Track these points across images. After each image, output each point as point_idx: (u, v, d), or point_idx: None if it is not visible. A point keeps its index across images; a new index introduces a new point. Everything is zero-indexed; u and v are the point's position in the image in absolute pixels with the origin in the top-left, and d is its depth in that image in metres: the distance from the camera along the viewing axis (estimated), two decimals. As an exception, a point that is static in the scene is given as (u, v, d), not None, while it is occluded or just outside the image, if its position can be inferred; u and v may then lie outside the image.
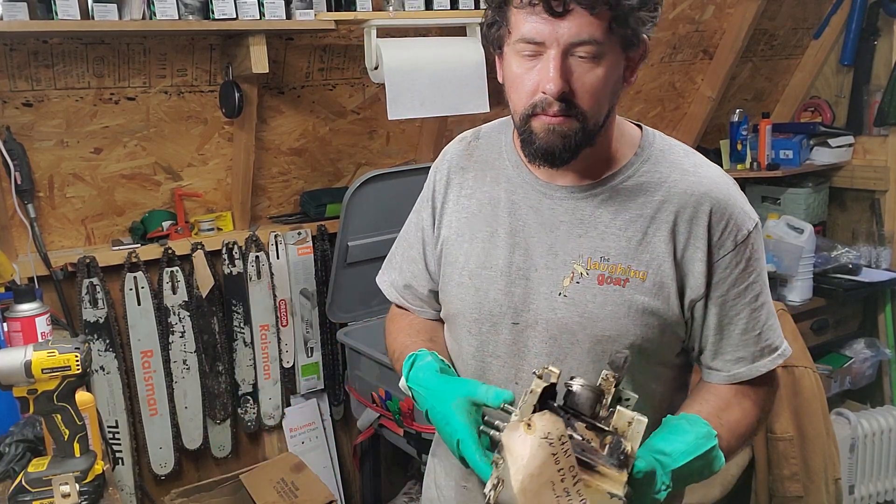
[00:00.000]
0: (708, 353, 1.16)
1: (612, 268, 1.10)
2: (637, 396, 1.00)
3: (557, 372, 0.96)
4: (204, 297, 2.34)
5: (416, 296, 1.30)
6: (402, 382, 1.14)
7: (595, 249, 1.11)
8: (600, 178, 1.13)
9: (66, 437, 1.23)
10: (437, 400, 1.04)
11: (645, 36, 1.05)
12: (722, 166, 3.13)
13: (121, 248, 2.25)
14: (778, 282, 2.93)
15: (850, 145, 3.22)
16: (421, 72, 2.21)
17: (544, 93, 1.01)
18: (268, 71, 2.05)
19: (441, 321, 1.30)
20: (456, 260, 1.21)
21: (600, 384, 0.96)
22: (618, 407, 0.94)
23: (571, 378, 0.97)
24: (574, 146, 1.05)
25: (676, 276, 1.10)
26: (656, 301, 1.10)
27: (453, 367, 1.21)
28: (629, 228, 1.10)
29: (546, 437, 0.88)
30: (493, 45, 1.10)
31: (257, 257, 2.42)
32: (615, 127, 1.14)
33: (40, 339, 1.58)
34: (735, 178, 1.17)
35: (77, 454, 1.24)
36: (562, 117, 1.03)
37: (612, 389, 0.95)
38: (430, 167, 1.30)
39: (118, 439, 2.27)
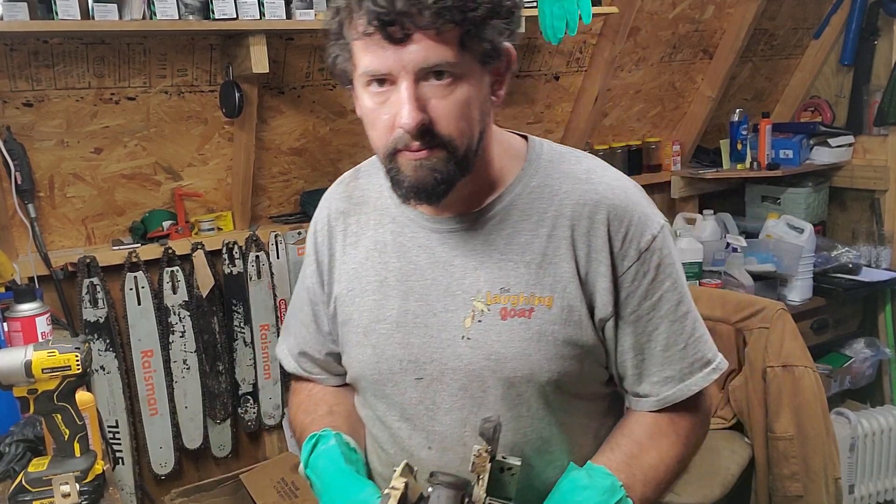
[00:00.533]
0: (630, 378, 1.05)
1: (515, 299, 0.99)
2: (519, 462, 0.91)
3: (400, 488, 0.86)
4: (204, 296, 2.34)
5: (313, 362, 1.20)
6: (301, 469, 1.05)
7: (493, 281, 1.00)
8: (488, 201, 1.02)
9: (66, 436, 1.22)
10: (331, 502, 0.98)
11: (506, 44, 0.95)
12: (722, 166, 3.17)
13: (121, 247, 2.25)
14: (778, 281, 2.92)
15: (850, 145, 3.22)
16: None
17: (402, 128, 0.90)
18: (268, 71, 2.05)
19: (348, 386, 1.18)
20: (350, 318, 1.09)
21: (474, 462, 0.86)
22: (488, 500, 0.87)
23: (430, 475, 0.86)
24: (447, 179, 0.94)
25: (584, 297, 1.00)
26: (568, 328, 0.99)
27: (372, 436, 1.11)
28: (526, 252, 1.00)
29: None
30: (341, 79, 0.98)
31: (257, 257, 2.42)
32: (496, 143, 1.03)
33: (40, 339, 1.58)
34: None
35: (77, 454, 1.23)
36: (426, 151, 0.92)
37: (487, 465, 0.86)
38: None
39: (118, 439, 2.27)
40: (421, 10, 0.85)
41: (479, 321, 1.00)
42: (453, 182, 0.95)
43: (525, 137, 1.09)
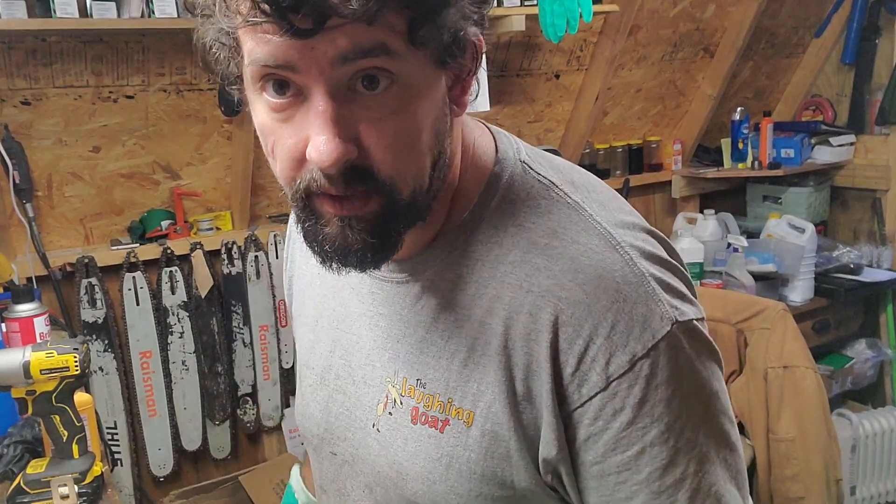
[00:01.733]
0: None
1: (429, 400, 0.71)
2: None
3: None
4: (203, 297, 2.33)
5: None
6: None
7: (411, 367, 0.72)
8: (430, 243, 0.72)
9: (64, 438, 1.22)
10: None
11: (473, 33, 0.63)
12: (723, 165, 3.16)
13: (119, 247, 2.24)
14: (779, 282, 2.92)
15: (851, 144, 3.21)
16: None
17: (314, 165, 0.59)
18: (267, 69, 2.04)
19: None
20: (296, 342, 0.91)
21: None
22: None
23: None
24: (389, 241, 0.64)
25: (517, 425, 0.67)
26: (491, 461, 0.68)
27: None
28: (452, 338, 0.70)
29: None
30: (224, 78, 0.66)
31: (256, 257, 2.41)
32: (461, 152, 0.72)
33: (39, 340, 1.57)
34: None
35: (76, 455, 1.23)
36: (356, 202, 0.61)
37: None
38: None
39: (117, 440, 2.26)
40: None
41: (390, 413, 0.74)
42: (396, 244, 0.65)
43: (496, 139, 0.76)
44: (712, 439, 0.67)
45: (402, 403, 0.73)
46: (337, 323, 0.81)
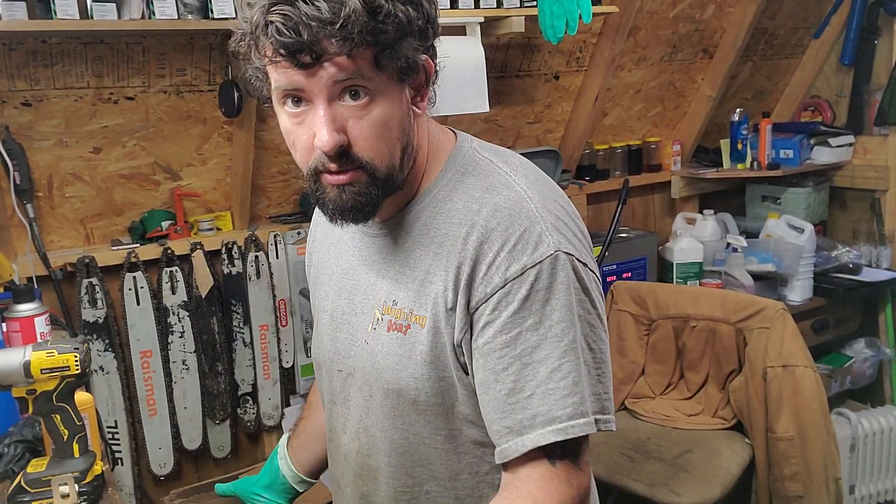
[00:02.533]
0: (485, 422, 0.97)
1: (398, 313, 1.00)
2: None
3: None
4: (203, 297, 2.33)
5: None
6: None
7: (389, 293, 1.02)
8: (403, 209, 1.02)
9: (65, 437, 1.22)
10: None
11: (424, 58, 0.93)
12: (722, 165, 3.16)
13: (120, 247, 2.24)
14: (778, 281, 2.93)
15: (850, 145, 3.22)
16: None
17: (319, 149, 0.89)
18: (267, 70, 2.05)
19: None
20: (313, 302, 1.20)
21: None
22: None
23: None
24: (370, 202, 0.94)
25: (448, 321, 0.96)
26: (434, 349, 0.97)
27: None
28: (417, 267, 0.99)
29: None
30: (260, 99, 0.97)
31: (257, 257, 2.42)
32: (427, 145, 1.02)
33: (39, 340, 1.58)
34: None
35: (76, 454, 1.23)
36: (348, 174, 0.91)
37: None
38: None
39: (117, 440, 2.27)
40: (328, 37, 0.82)
41: (374, 329, 1.03)
42: (377, 204, 0.95)
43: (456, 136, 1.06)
44: (575, 342, 0.92)
45: (382, 320, 1.02)
46: (342, 274, 1.11)
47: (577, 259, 0.94)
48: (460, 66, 2.27)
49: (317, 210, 1.16)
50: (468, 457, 1.02)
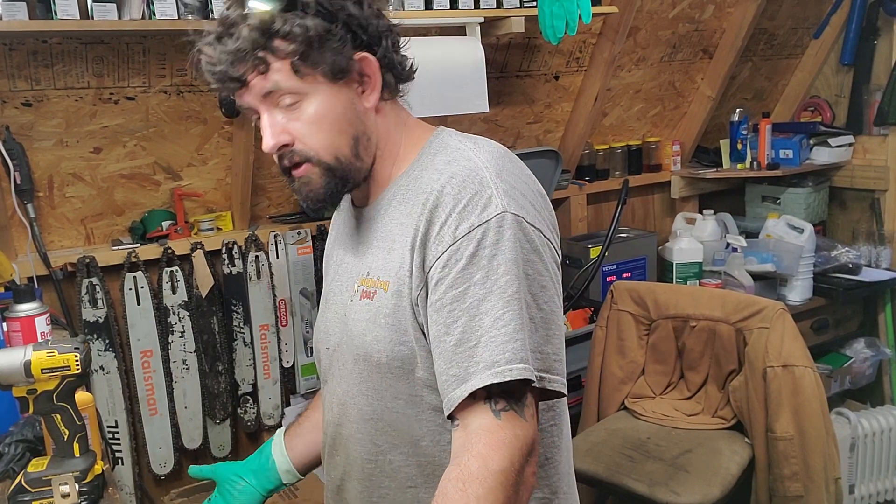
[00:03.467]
0: (437, 378, 1.00)
1: (369, 282, 1.07)
2: None
3: None
4: (203, 296, 2.34)
5: None
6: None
7: (366, 266, 1.09)
8: (382, 193, 1.11)
9: (65, 437, 1.22)
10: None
11: (357, 56, 1.02)
12: (722, 165, 3.17)
13: (120, 247, 2.25)
14: (778, 281, 2.93)
15: (850, 145, 3.22)
16: (420, 71, 2.21)
17: (266, 152, 1.03)
18: (267, 70, 2.05)
19: None
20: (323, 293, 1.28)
21: None
22: None
23: None
24: (330, 192, 1.05)
25: (410, 282, 1.01)
26: (397, 313, 1.02)
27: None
28: (386, 239, 1.06)
29: None
30: (241, 112, 1.12)
31: (257, 257, 2.42)
32: (405, 137, 1.10)
33: (40, 339, 1.58)
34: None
35: (77, 454, 1.23)
36: (301, 169, 1.03)
37: None
38: None
39: (118, 439, 2.27)
40: (238, 62, 0.97)
41: (352, 301, 1.10)
42: (338, 192, 1.06)
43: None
44: (518, 294, 0.95)
45: (357, 291, 1.08)
46: (338, 260, 1.19)
47: (527, 221, 0.99)
48: (460, 66, 2.27)
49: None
50: (429, 424, 1.05)
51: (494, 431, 0.93)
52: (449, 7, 2.28)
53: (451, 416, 0.97)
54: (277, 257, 2.47)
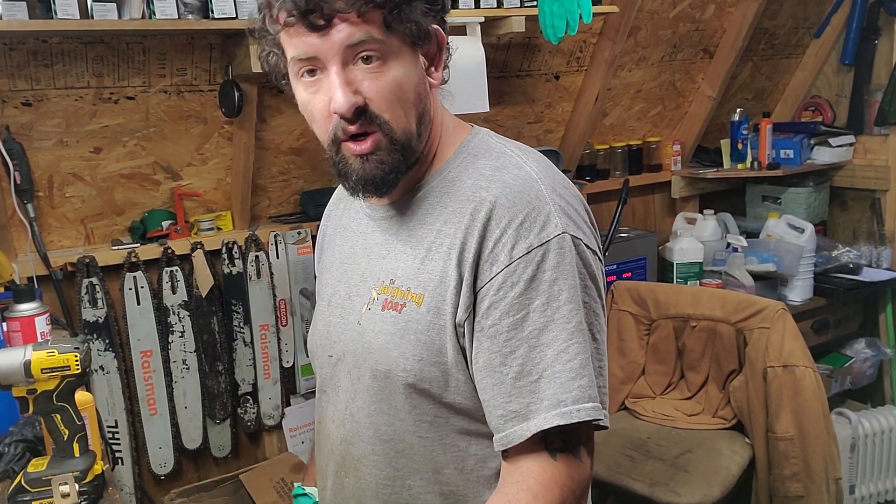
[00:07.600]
0: (485, 407, 0.93)
1: (395, 291, 0.97)
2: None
3: None
4: (203, 296, 2.34)
5: None
6: None
7: (388, 271, 0.99)
8: (411, 190, 1.01)
9: (65, 436, 1.22)
10: None
11: (434, 26, 0.95)
12: (723, 165, 3.16)
13: (120, 247, 2.24)
14: (778, 281, 2.92)
15: (850, 145, 3.22)
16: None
17: (336, 113, 0.89)
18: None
19: None
20: (316, 293, 1.19)
21: None
22: None
23: None
24: (395, 170, 0.93)
25: (454, 300, 0.92)
26: (432, 331, 0.93)
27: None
28: (418, 246, 0.97)
29: None
30: (276, 76, 0.98)
31: (257, 257, 2.42)
32: (442, 130, 1.02)
33: (40, 339, 1.58)
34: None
35: (76, 454, 1.23)
36: (368, 141, 0.91)
37: None
38: None
39: (118, 439, 2.27)
40: (340, 1, 0.85)
41: (369, 309, 1.00)
42: (401, 172, 0.94)
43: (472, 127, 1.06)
44: (582, 326, 0.90)
45: (377, 300, 0.99)
46: (345, 259, 1.09)
47: (585, 244, 0.93)
48: (460, 66, 2.26)
49: (329, 209, 1.21)
50: (453, 449, 0.98)
51: (548, 470, 0.89)
52: (449, 7, 2.27)
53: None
54: (277, 257, 2.47)
